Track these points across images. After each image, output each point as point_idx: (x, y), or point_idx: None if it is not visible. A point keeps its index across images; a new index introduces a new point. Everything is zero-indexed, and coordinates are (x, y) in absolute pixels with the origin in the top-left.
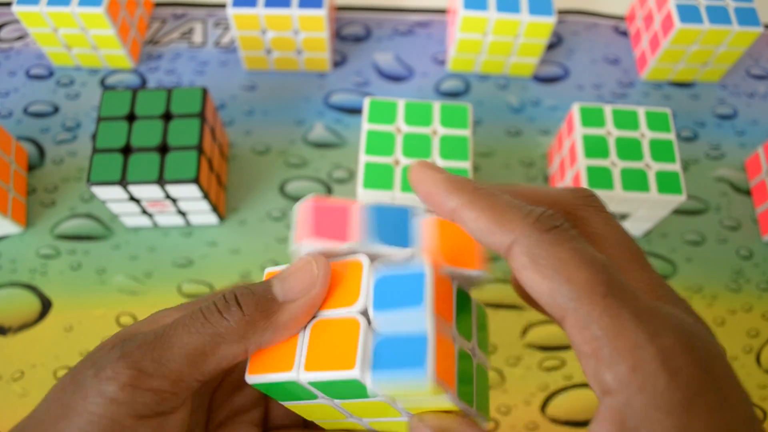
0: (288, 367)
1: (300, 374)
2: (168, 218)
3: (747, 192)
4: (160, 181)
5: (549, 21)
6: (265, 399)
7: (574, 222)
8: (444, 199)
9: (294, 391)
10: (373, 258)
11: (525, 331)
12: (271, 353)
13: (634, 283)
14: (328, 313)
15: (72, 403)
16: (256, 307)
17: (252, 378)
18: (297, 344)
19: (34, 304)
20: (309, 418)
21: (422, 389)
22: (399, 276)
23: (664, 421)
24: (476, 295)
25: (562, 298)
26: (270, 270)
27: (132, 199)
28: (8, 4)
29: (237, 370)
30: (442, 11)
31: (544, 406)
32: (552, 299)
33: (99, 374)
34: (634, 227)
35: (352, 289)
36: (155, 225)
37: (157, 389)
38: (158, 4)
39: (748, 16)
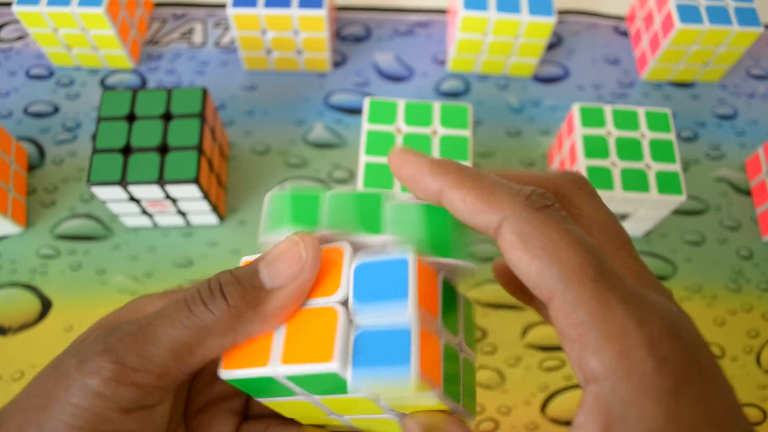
0: (263, 362)
1: (276, 368)
2: (168, 218)
3: (747, 192)
4: (160, 181)
5: (549, 21)
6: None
7: (562, 203)
8: (429, 180)
9: (271, 386)
10: (356, 247)
11: (525, 331)
12: (245, 346)
13: (620, 269)
14: (307, 303)
15: (54, 393)
16: (242, 298)
17: (225, 373)
18: (273, 336)
19: (34, 304)
20: (288, 416)
21: (406, 387)
22: (381, 264)
23: (653, 409)
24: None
25: (551, 279)
26: (246, 259)
27: (132, 199)
28: (8, 4)
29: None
30: (442, 11)
31: (544, 407)
32: (540, 280)
33: (82, 366)
34: (634, 227)
35: (333, 278)
36: (155, 225)
37: (141, 384)
38: (158, 4)
39: (748, 16)
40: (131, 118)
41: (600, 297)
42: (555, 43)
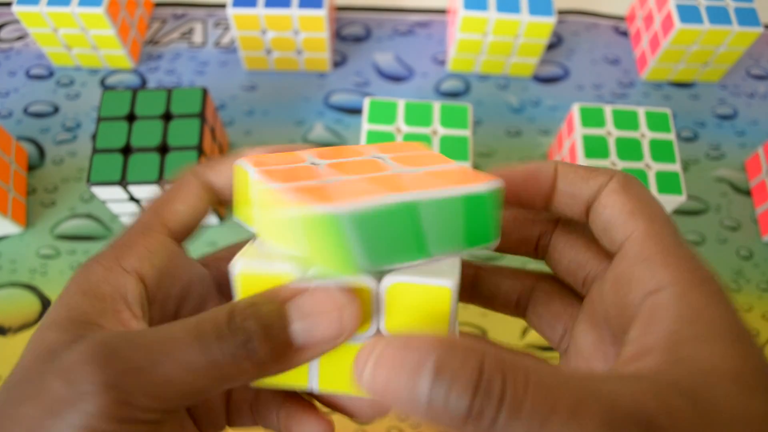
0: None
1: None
2: None
3: (747, 192)
4: (160, 181)
5: (549, 21)
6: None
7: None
8: (544, 165)
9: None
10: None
11: (525, 331)
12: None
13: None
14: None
15: (42, 425)
16: (269, 353)
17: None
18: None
19: (34, 304)
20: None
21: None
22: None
23: (727, 315)
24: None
25: (645, 215)
26: (247, 269)
27: (132, 199)
28: (8, 4)
29: (190, 296)
30: (442, 11)
31: None
32: (630, 215)
33: (77, 401)
34: None
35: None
36: None
37: (148, 420)
38: (158, 4)
39: (748, 16)
40: (131, 118)
41: (675, 239)
42: (555, 43)
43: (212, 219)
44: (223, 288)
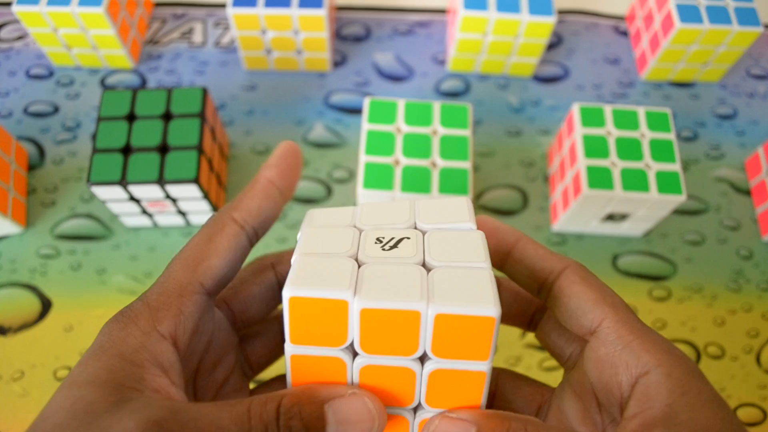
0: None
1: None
2: (168, 218)
3: (747, 192)
4: (160, 181)
5: (549, 21)
6: (238, 364)
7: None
8: (509, 233)
9: None
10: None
11: (525, 331)
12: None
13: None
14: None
15: None
16: None
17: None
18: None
19: (34, 304)
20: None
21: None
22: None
23: (706, 388)
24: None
25: (605, 305)
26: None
27: (132, 199)
28: (8, 4)
29: (211, 347)
30: (442, 11)
31: None
32: (596, 305)
33: None
34: (634, 227)
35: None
36: (155, 225)
37: None
38: (158, 4)
39: (748, 16)
40: (131, 117)
41: (641, 325)
42: (555, 43)
43: None
44: (237, 325)
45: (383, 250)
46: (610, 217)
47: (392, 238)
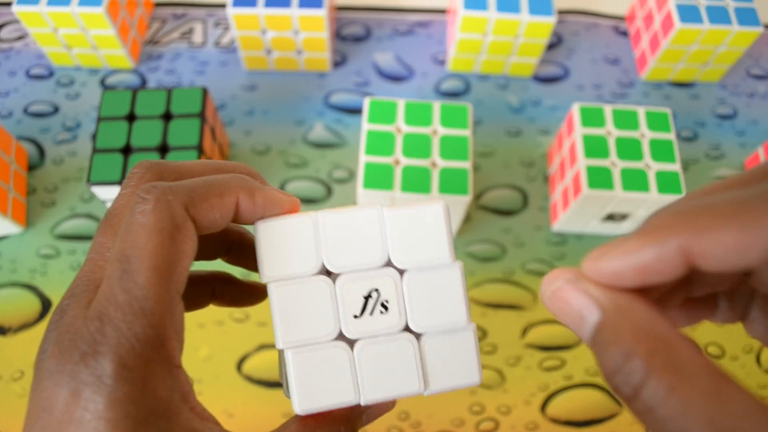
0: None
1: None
2: None
3: None
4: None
5: (549, 21)
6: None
7: None
8: (667, 237)
9: None
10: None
11: (525, 331)
12: None
13: None
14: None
15: None
16: None
17: None
18: None
19: (34, 304)
20: None
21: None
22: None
23: None
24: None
25: None
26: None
27: None
28: (8, 4)
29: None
30: (442, 11)
31: (544, 406)
32: None
33: None
34: (634, 227)
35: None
36: None
37: None
38: (158, 4)
39: (748, 16)
40: (131, 118)
41: None
42: (555, 43)
43: None
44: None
45: (370, 315)
46: (610, 217)
47: (371, 297)
